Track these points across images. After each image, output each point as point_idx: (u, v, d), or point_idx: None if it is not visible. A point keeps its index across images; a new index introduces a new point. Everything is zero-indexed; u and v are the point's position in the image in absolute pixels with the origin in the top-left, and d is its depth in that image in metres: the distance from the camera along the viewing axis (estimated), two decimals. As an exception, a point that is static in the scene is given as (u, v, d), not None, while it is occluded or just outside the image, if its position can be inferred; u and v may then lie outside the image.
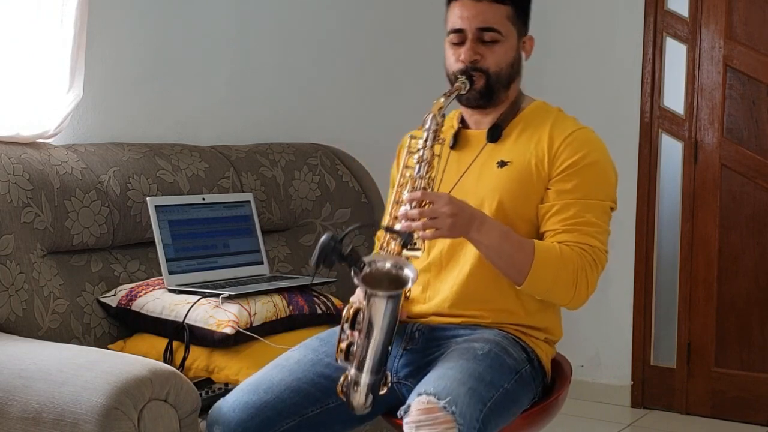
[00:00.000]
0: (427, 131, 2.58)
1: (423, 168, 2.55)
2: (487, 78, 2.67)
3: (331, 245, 2.35)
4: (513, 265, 2.55)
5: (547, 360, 2.75)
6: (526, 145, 2.69)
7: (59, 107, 3.31)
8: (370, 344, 2.40)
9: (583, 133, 2.69)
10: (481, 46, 2.67)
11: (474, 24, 2.66)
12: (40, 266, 3.03)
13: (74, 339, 3.07)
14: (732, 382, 4.77)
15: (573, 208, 2.60)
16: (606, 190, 2.67)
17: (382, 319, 2.39)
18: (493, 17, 2.66)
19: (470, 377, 2.40)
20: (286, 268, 3.76)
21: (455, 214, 2.44)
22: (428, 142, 2.57)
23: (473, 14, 2.66)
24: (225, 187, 3.64)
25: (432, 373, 2.45)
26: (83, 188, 3.22)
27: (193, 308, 3.03)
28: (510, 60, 2.71)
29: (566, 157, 2.63)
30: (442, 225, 2.44)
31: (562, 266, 2.55)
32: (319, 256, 2.34)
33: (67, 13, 3.29)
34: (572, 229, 2.59)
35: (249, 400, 2.56)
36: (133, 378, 2.42)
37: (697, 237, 4.81)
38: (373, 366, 2.41)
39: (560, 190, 2.62)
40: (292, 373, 2.62)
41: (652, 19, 4.83)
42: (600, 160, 2.67)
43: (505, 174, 2.67)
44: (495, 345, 2.56)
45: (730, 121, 4.73)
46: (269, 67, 4.31)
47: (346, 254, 2.36)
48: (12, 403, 2.50)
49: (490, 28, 2.66)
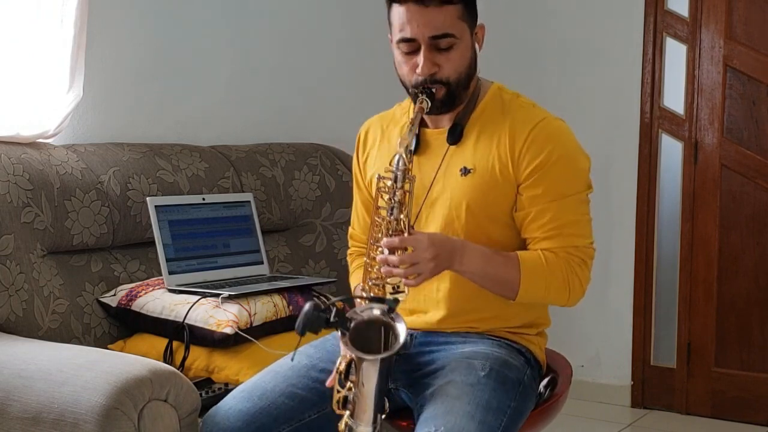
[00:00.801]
0: (395, 172, 2.42)
1: (396, 210, 2.42)
2: (447, 87, 2.55)
3: (316, 314, 2.29)
4: (502, 285, 2.52)
5: (542, 353, 2.72)
6: (488, 147, 2.58)
7: (59, 107, 3.31)
8: (366, 398, 2.36)
9: (543, 128, 2.56)
10: (437, 55, 2.51)
11: (426, 32, 2.48)
12: (40, 266, 3.03)
13: (74, 339, 3.07)
14: (732, 382, 4.77)
15: (548, 213, 2.53)
16: (578, 182, 2.58)
17: (376, 376, 2.35)
18: (443, 22, 2.48)
19: (478, 408, 2.36)
20: (286, 268, 3.76)
21: (436, 256, 2.38)
22: (398, 183, 2.42)
23: (423, 22, 2.48)
24: (225, 187, 3.64)
25: (438, 404, 2.40)
26: (83, 188, 3.22)
27: (193, 308, 3.03)
28: (468, 62, 2.57)
29: (530, 160, 2.53)
30: (424, 269, 2.38)
31: (551, 275, 2.52)
32: (304, 326, 2.29)
33: (67, 13, 3.29)
34: (553, 234, 2.54)
35: (243, 407, 2.52)
36: (133, 378, 2.42)
37: (697, 237, 4.81)
38: (370, 417, 2.37)
39: (532, 195, 2.55)
40: (287, 379, 2.59)
41: (652, 19, 4.83)
42: (564, 153, 2.56)
43: (470, 182, 2.58)
44: (494, 361, 2.52)
45: (730, 121, 4.72)
46: (269, 67, 4.31)
47: (332, 321, 2.31)
48: (12, 403, 2.50)
49: (444, 35, 2.49)
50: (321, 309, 2.30)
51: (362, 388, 2.35)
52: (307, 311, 2.29)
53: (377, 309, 2.38)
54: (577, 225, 2.56)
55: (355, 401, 2.37)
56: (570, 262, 2.53)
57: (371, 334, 2.37)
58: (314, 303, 2.30)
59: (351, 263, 2.94)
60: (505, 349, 2.60)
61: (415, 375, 2.58)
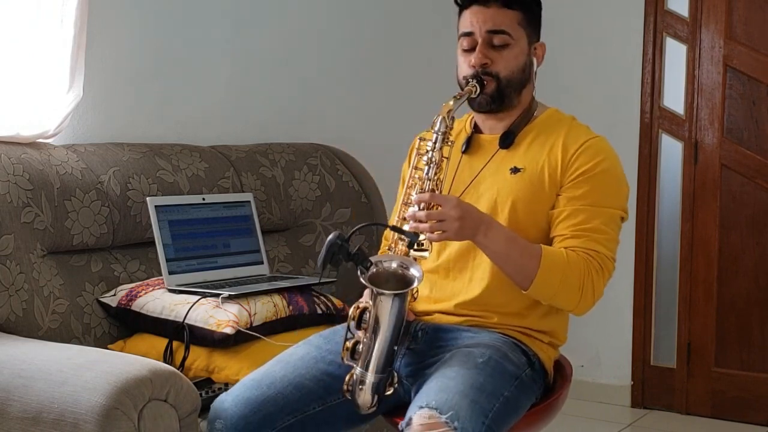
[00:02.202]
0: (437, 133, 2.59)
1: (431, 170, 2.56)
2: (497, 82, 2.69)
3: (338, 244, 2.38)
4: (519, 270, 2.56)
5: (549, 361, 2.75)
6: (539, 152, 2.69)
7: (59, 107, 3.30)
8: (377, 343, 2.43)
9: (598, 142, 2.70)
10: (491, 51, 2.68)
11: (484, 27, 2.68)
12: (40, 266, 3.03)
13: (74, 339, 3.06)
14: (732, 382, 4.77)
15: (582, 214, 2.61)
16: (617, 199, 2.68)
17: (388, 317, 2.42)
18: (502, 21, 2.68)
19: (471, 388, 2.39)
20: (286, 268, 3.75)
21: (462, 218, 2.45)
22: (437, 144, 2.58)
23: (483, 18, 2.68)
24: (225, 187, 3.63)
25: (432, 383, 2.44)
26: (83, 188, 3.21)
27: (193, 308, 3.02)
28: (521, 65, 2.72)
29: (580, 165, 2.64)
30: (449, 228, 2.45)
31: (569, 271, 2.55)
32: (326, 254, 2.37)
33: (67, 13, 3.28)
34: (580, 234, 2.60)
35: (251, 395, 2.55)
36: (133, 378, 2.41)
37: (697, 237, 4.81)
38: (378, 365, 2.44)
39: (571, 196, 2.63)
40: (296, 370, 2.62)
41: (652, 19, 4.83)
42: (612, 168, 2.68)
43: (518, 180, 2.68)
44: (495, 351, 2.55)
45: (730, 121, 4.72)
46: (269, 67, 4.31)
47: (353, 253, 2.39)
48: (12, 403, 2.49)
49: (499, 31, 2.68)
50: (344, 239, 2.39)
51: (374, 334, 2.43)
52: (330, 240, 2.38)
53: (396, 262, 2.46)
54: (605, 234, 2.62)
55: (365, 350, 2.44)
56: (590, 264, 2.58)
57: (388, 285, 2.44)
58: (338, 233, 2.39)
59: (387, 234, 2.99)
60: (510, 346, 2.63)
61: (419, 366, 2.62)
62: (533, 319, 2.69)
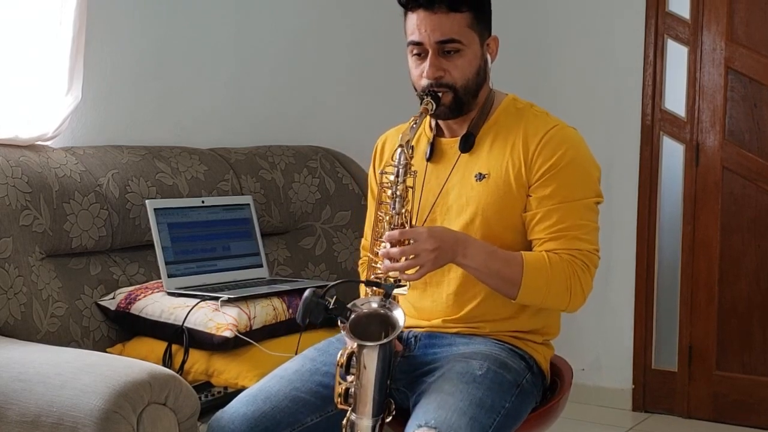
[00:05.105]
0: (398, 167, 2.49)
1: (398, 204, 2.48)
2: (454, 92, 2.61)
3: (315, 301, 2.35)
4: (504, 282, 2.53)
5: (546, 363, 2.74)
6: (501, 153, 2.63)
7: (58, 109, 3.30)
8: (368, 389, 2.39)
9: (557, 132, 2.62)
10: (443, 60, 2.59)
11: (433, 37, 2.56)
12: (38, 269, 3.03)
13: (73, 342, 3.06)
14: (733, 386, 4.76)
15: (555, 215, 2.57)
16: (587, 187, 2.62)
17: (375, 364, 2.38)
18: (451, 28, 2.57)
19: (471, 405, 2.38)
20: (286, 271, 3.75)
21: (437, 248, 2.42)
22: (400, 177, 2.49)
23: (431, 27, 2.56)
24: (224, 189, 3.63)
25: (431, 399, 2.42)
26: (82, 191, 3.21)
27: (193, 311, 3.02)
28: (475, 69, 2.63)
29: (542, 162, 2.58)
30: (425, 261, 2.41)
31: (553, 276, 2.52)
32: (304, 313, 2.34)
33: (66, 14, 3.28)
34: (558, 236, 2.56)
35: (247, 411, 2.54)
36: (132, 381, 2.41)
37: (699, 240, 4.80)
38: (372, 409, 2.40)
39: (540, 196, 2.58)
40: (291, 383, 2.60)
41: (653, 21, 4.82)
42: (576, 157, 2.61)
43: (484, 187, 2.62)
44: (493, 361, 2.53)
45: (732, 124, 4.71)
46: (268, 69, 4.30)
47: (331, 308, 2.36)
48: (11, 407, 2.49)
49: (450, 40, 2.57)
50: (320, 296, 2.35)
51: (363, 380, 2.39)
52: (306, 298, 2.35)
53: (376, 302, 2.42)
54: (582, 229, 2.58)
55: (357, 394, 2.40)
56: (573, 264, 2.54)
57: (371, 328, 2.40)
58: (313, 290, 2.35)
59: (362, 273, 2.94)
60: (507, 352, 2.61)
61: (415, 374, 2.60)
62: (524, 320, 2.67)
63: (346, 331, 2.36)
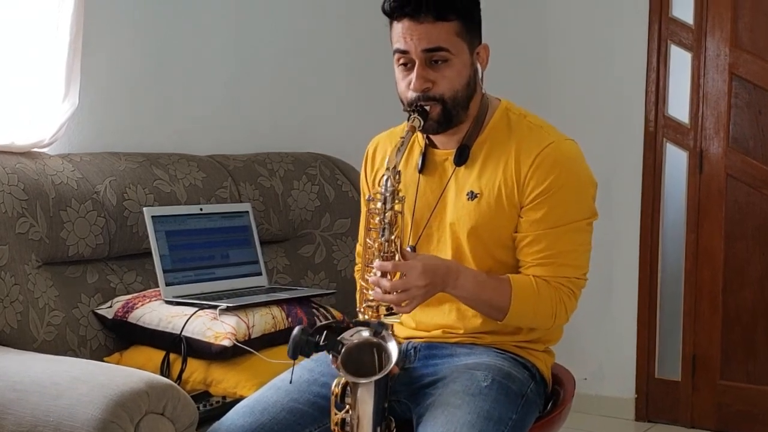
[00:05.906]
0: (384, 194, 2.43)
1: (387, 232, 2.43)
2: (443, 104, 2.52)
3: (304, 339, 2.34)
4: (491, 309, 2.53)
5: (547, 370, 2.73)
6: (494, 171, 2.58)
7: (55, 116, 3.30)
8: (364, 421, 2.38)
9: (550, 152, 2.54)
10: (431, 71, 2.50)
11: (419, 46, 2.48)
12: (35, 277, 3.02)
13: (70, 351, 3.05)
14: (738, 395, 4.74)
15: (545, 240, 2.53)
16: (580, 210, 2.57)
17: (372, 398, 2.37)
18: (438, 36, 2.48)
19: (479, 418, 2.36)
20: (285, 279, 3.73)
21: (429, 284, 2.40)
22: (387, 204, 2.43)
23: (417, 36, 2.48)
24: (223, 197, 3.62)
25: (438, 413, 2.40)
26: (79, 198, 3.20)
27: (191, 320, 3.01)
28: (465, 80, 2.54)
29: (535, 185, 2.52)
30: (415, 296, 2.39)
31: (540, 302, 2.52)
32: (294, 350, 2.34)
33: (63, 19, 3.28)
34: (546, 262, 2.54)
35: (245, 422, 2.51)
36: (129, 391, 2.40)
37: (702, 248, 4.78)
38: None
39: (531, 220, 2.54)
40: (288, 394, 2.58)
41: (657, 26, 4.81)
42: (570, 180, 2.54)
43: (476, 207, 2.58)
44: (497, 372, 2.52)
45: (736, 131, 4.70)
46: (267, 76, 4.30)
47: (322, 344, 2.35)
48: (7, 417, 2.47)
49: (437, 48, 2.48)
50: (309, 333, 2.35)
51: (359, 411, 2.37)
52: (295, 336, 2.34)
53: (367, 331, 2.41)
54: (571, 255, 2.56)
55: (353, 424, 2.38)
56: (560, 291, 2.55)
57: (364, 356, 2.38)
58: (302, 327, 2.35)
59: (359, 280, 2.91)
60: (510, 362, 2.60)
61: (417, 386, 2.58)
62: (527, 330, 2.65)
63: (338, 367, 2.35)
